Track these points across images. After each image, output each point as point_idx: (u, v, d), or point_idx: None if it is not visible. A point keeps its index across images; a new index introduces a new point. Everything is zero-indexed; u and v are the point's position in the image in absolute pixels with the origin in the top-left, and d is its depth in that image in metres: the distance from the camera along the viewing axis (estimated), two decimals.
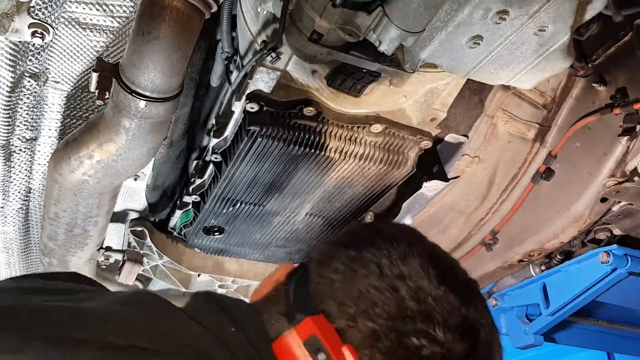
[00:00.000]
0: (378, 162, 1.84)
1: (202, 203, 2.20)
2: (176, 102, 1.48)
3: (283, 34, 1.38)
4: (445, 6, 1.19)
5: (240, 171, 1.91)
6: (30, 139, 1.92)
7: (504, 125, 2.49)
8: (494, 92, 2.42)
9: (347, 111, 1.77)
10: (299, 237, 2.44)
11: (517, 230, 2.58)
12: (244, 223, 2.30)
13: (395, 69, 1.47)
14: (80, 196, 1.73)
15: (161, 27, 1.27)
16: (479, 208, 2.71)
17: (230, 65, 1.75)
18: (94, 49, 1.67)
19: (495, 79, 1.42)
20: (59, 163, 1.64)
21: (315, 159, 1.83)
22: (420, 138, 1.86)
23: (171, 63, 1.34)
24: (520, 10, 1.18)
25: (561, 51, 1.33)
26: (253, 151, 1.78)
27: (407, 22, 1.22)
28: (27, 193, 2.17)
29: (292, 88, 1.69)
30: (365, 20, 1.28)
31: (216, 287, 2.83)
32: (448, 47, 1.27)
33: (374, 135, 1.81)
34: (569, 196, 2.34)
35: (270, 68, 1.59)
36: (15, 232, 2.32)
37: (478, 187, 2.64)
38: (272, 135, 1.71)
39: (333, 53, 1.38)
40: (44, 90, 1.77)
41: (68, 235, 1.94)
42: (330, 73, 1.60)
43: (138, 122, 1.46)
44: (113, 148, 1.55)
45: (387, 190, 2.02)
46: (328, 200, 2.11)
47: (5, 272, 2.60)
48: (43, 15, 1.52)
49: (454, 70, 1.38)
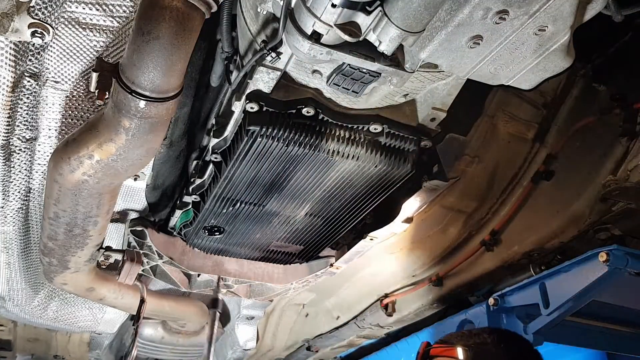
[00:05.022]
0: (378, 162, 1.84)
1: (202, 203, 2.20)
2: (176, 102, 1.48)
3: (283, 34, 1.38)
4: (445, 6, 1.19)
5: (240, 171, 1.91)
6: (30, 138, 1.92)
7: (504, 125, 2.50)
8: (494, 92, 2.42)
9: (347, 111, 1.77)
10: (299, 237, 2.44)
11: (517, 230, 2.58)
12: (244, 223, 2.30)
13: (395, 69, 1.47)
14: (80, 196, 1.73)
15: (161, 27, 1.27)
16: (479, 208, 2.71)
17: (230, 65, 1.75)
18: (94, 49, 1.67)
19: (495, 79, 1.42)
20: (59, 163, 1.64)
21: (315, 159, 1.83)
22: (420, 138, 1.86)
23: (171, 63, 1.34)
24: (520, 10, 1.18)
25: (561, 51, 1.33)
26: (253, 151, 1.78)
27: (407, 22, 1.22)
28: (27, 193, 2.17)
29: (292, 88, 1.69)
30: (365, 20, 1.28)
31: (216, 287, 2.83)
32: (448, 47, 1.27)
33: (373, 135, 1.81)
34: (569, 196, 2.34)
35: (270, 68, 1.59)
36: (15, 232, 2.32)
37: (478, 187, 2.64)
38: (272, 135, 1.71)
39: (333, 53, 1.38)
40: (44, 90, 1.77)
41: (68, 235, 1.94)
42: (330, 73, 1.60)
43: (138, 122, 1.46)
44: (113, 148, 1.54)
45: (387, 190, 2.02)
46: (328, 200, 2.11)
47: (5, 272, 2.60)
48: (43, 15, 1.52)
49: (454, 70, 1.38)
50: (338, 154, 1.80)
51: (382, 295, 3.28)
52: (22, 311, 2.97)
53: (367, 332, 3.47)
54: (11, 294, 2.79)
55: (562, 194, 2.37)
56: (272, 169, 1.90)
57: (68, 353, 4.12)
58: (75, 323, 3.23)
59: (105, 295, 2.54)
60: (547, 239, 2.45)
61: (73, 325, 3.26)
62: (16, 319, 3.34)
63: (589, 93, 2.35)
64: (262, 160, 1.83)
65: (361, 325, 3.40)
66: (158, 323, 3.38)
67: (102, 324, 3.33)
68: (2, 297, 2.82)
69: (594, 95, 2.33)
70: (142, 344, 3.37)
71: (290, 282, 2.80)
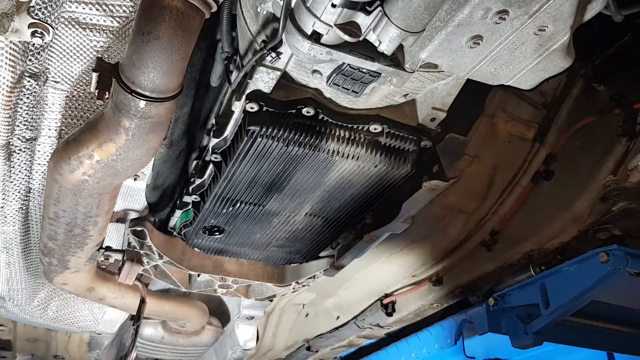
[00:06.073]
0: (378, 162, 1.84)
1: (202, 203, 2.20)
2: (176, 102, 1.48)
3: (283, 34, 1.38)
4: (445, 6, 1.19)
5: (240, 171, 1.91)
6: (30, 138, 1.92)
7: (504, 125, 2.50)
8: (493, 92, 2.42)
9: (347, 111, 1.77)
10: (298, 237, 2.44)
11: (517, 230, 2.58)
12: (244, 223, 2.30)
13: (395, 69, 1.47)
14: (80, 196, 1.73)
15: (161, 27, 1.27)
16: (479, 208, 2.71)
17: (230, 65, 1.75)
18: (94, 49, 1.67)
19: (495, 79, 1.42)
20: (59, 163, 1.64)
21: (315, 159, 1.83)
22: (420, 138, 1.86)
23: (171, 63, 1.34)
24: (520, 10, 1.18)
25: (561, 51, 1.33)
26: (253, 151, 1.78)
27: (407, 22, 1.22)
28: (27, 193, 2.17)
29: (292, 88, 1.69)
30: (365, 20, 1.28)
31: (216, 287, 2.83)
32: (448, 47, 1.27)
33: (373, 135, 1.81)
34: (569, 196, 2.34)
35: (270, 68, 1.59)
36: (15, 232, 2.32)
37: (478, 187, 2.64)
38: (272, 135, 1.71)
39: (333, 53, 1.38)
40: (44, 90, 1.77)
41: (68, 235, 1.94)
42: (330, 73, 1.60)
43: (138, 122, 1.46)
44: (113, 148, 1.54)
45: (387, 190, 2.02)
46: (328, 200, 2.11)
47: (5, 272, 2.60)
48: (43, 15, 1.52)
49: (454, 70, 1.38)
50: (338, 154, 1.80)
51: (382, 295, 3.28)
52: (22, 311, 2.97)
53: (367, 332, 3.48)
54: (11, 294, 2.79)
55: (562, 194, 2.37)
56: (272, 169, 1.90)
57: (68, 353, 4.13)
58: (75, 323, 3.24)
59: (105, 295, 2.54)
60: (547, 239, 2.46)
61: (73, 325, 3.26)
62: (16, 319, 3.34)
63: (589, 93, 2.35)
64: (262, 160, 1.83)
65: (361, 325, 3.41)
66: (158, 323, 3.38)
67: (102, 324, 3.33)
68: (2, 297, 2.83)
69: (594, 95, 2.33)
70: (142, 344, 3.37)
71: (290, 282, 2.80)
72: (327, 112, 1.74)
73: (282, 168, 1.89)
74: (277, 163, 1.85)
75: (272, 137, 1.72)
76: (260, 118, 1.69)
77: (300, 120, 1.72)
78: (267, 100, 1.68)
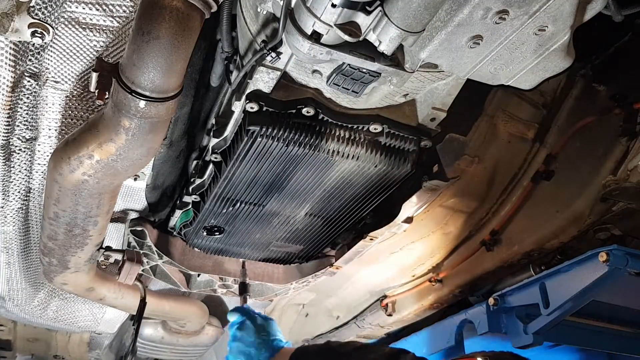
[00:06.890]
0: (378, 162, 1.84)
1: (202, 203, 2.20)
2: (176, 102, 1.48)
3: (283, 34, 1.38)
4: (445, 6, 1.19)
5: (240, 171, 1.91)
6: (30, 138, 1.92)
7: (504, 125, 2.50)
8: (493, 92, 2.42)
9: (347, 111, 1.77)
10: (298, 237, 2.44)
11: (517, 230, 2.58)
12: (244, 223, 2.30)
13: (395, 69, 1.47)
14: (80, 196, 1.73)
15: (161, 27, 1.27)
16: (479, 208, 2.71)
17: (230, 65, 1.75)
18: (93, 49, 1.67)
19: (495, 79, 1.42)
20: (59, 163, 1.64)
21: (315, 159, 1.83)
22: (420, 138, 1.86)
23: (171, 63, 1.34)
24: (520, 10, 1.18)
25: (561, 51, 1.33)
26: (253, 151, 1.78)
27: (407, 21, 1.21)
28: (27, 193, 2.17)
29: (292, 88, 1.69)
30: (365, 20, 1.28)
31: (216, 287, 2.83)
32: (448, 47, 1.27)
33: (373, 135, 1.81)
34: (569, 196, 2.34)
35: (270, 68, 1.58)
36: (15, 232, 2.32)
37: (478, 187, 2.64)
38: (272, 135, 1.71)
39: (333, 53, 1.38)
40: (44, 90, 1.77)
41: (68, 235, 1.94)
42: (330, 73, 1.60)
43: (138, 122, 1.46)
44: (113, 148, 1.54)
45: (387, 190, 2.02)
46: (328, 200, 2.11)
47: (5, 272, 2.60)
48: (43, 15, 1.52)
49: (454, 70, 1.38)
50: (338, 154, 1.80)
51: (382, 295, 3.28)
52: (22, 311, 2.97)
53: (367, 332, 3.47)
54: (11, 294, 2.80)
55: (562, 194, 2.37)
56: (272, 169, 1.90)
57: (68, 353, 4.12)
58: (75, 323, 3.24)
59: (105, 295, 2.54)
60: (547, 239, 2.45)
61: (73, 325, 3.26)
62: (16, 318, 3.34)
63: (589, 93, 2.35)
64: (262, 160, 1.83)
65: (361, 325, 3.41)
66: (158, 323, 3.38)
67: (102, 324, 3.33)
68: (2, 297, 2.83)
69: (594, 95, 2.33)
70: (142, 344, 3.37)
71: (290, 282, 2.80)
72: (327, 112, 1.74)
73: (282, 168, 1.89)
74: (277, 163, 1.85)
75: (272, 137, 1.72)
76: (260, 118, 1.69)
77: (300, 120, 1.72)
78: (267, 100, 1.68)
